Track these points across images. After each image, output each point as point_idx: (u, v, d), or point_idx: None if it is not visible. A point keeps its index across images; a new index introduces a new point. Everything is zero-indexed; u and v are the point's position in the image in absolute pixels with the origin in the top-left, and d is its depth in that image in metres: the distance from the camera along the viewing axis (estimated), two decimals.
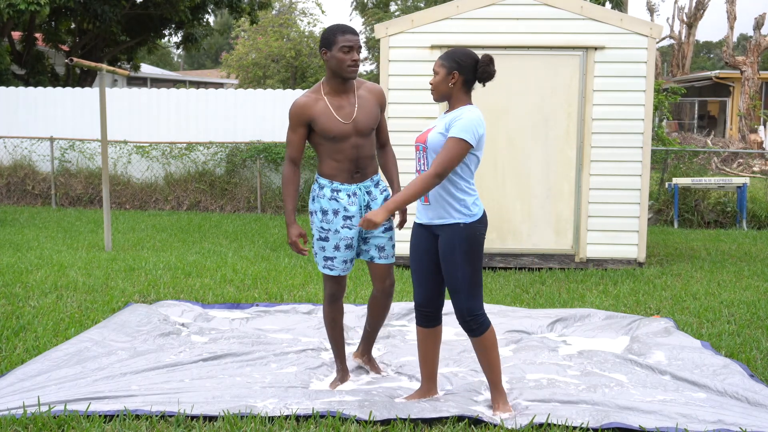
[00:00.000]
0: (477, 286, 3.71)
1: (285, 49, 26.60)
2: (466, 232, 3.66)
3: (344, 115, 3.93)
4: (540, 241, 7.79)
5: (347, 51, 3.87)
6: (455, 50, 3.74)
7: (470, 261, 3.67)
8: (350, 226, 4.02)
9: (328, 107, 3.92)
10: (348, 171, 3.99)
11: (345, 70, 3.89)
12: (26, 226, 10.44)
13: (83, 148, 13.20)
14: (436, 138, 3.67)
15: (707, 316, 5.81)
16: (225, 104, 13.54)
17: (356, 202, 4.01)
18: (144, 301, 6.13)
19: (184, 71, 46.30)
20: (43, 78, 18.45)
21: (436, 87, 3.73)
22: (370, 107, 4.00)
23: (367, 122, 3.98)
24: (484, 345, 3.76)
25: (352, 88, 3.99)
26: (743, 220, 11.07)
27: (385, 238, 4.10)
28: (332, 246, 4.03)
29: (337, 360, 4.29)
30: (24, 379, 4.11)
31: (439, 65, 3.71)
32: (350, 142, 3.95)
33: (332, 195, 4.00)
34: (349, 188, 4.00)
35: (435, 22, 7.70)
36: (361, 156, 4.00)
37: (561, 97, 7.67)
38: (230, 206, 12.74)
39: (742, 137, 23.07)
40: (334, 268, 4.06)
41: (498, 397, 3.81)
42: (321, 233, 4.04)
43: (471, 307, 3.72)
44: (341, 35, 3.88)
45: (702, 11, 29.00)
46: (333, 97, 3.96)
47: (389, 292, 4.21)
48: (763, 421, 3.66)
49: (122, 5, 17.32)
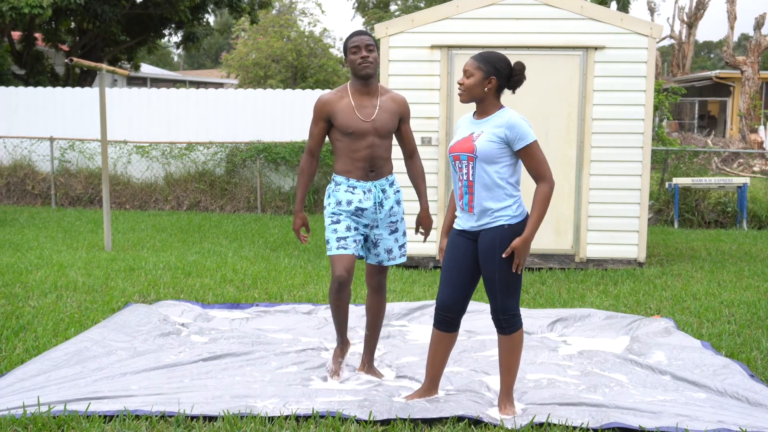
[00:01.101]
0: (516, 287, 3.72)
1: (286, 49, 26.60)
2: (509, 233, 3.68)
3: (365, 114, 4.12)
4: (540, 241, 7.78)
5: (355, 51, 4.11)
6: (491, 54, 3.71)
7: (509, 261, 3.67)
8: (360, 215, 4.15)
9: (350, 104, 4.12)
10: (363, 169, 4.14)
11: (357, 68, 4.10)
12: (26, 226, 10.44)
13: (83, 148, 13.19)
14: (488, 147, 3.63)
15: (707, 316, 5.81)
16: (225, 104, 13.54)
17: (371, 198, 4.15)
18: (144, 301, 6.13)
19: (184, 71, 46.29)
20: (43, 78, 18.45)
21: (470, 89, 3.69)
22: (390, 112, 4.18)
23: (385, 124, 4.15)
24: (511, 345, 3.74)
25: (376, 92, 4.18)
26: (743, 220, 11.07)
27: (390, 239, 4.26)
28: (344, 227, 4.12)
29: (338, 334, 4.37)
30: (24, 379, 4.10)
31: (474, 67, 3.67)
32: (367, 140, 4.12)
33: (348, 189, 4.15)
34: (364, 185, 4.15)
35: (435, 22, 7.70)
36: (376, 156, 4.15)
37: (561, 97, 7.67)
38: (230, 206, 12.73)
39: (742, 137, 23.07)
40: (348, 246, 4.10)
41: (505, 400, 3.81)
42: (333, 217, 4.15)
43: (507, 306, 3.72)
44: (349, 39, 4.15)
45: (702, 11, 28.99)
46: (356, 96, 4.16)
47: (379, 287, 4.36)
48: (763, 421, 3.66)
49: (122, 5, 17.32)
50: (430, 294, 6.56)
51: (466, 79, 3.69)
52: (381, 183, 4.20)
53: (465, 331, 5.37)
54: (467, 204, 3.73)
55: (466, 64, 3.71)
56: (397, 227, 4.29)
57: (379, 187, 4.18)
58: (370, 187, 4.16)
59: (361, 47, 4.10)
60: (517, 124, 3.64)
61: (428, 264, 7.82)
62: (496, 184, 3.66)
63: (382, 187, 4.20)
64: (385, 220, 4.22)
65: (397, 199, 4.26)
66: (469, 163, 3.67)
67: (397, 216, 4.27)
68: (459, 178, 3.74)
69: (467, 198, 3.72)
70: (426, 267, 7.80)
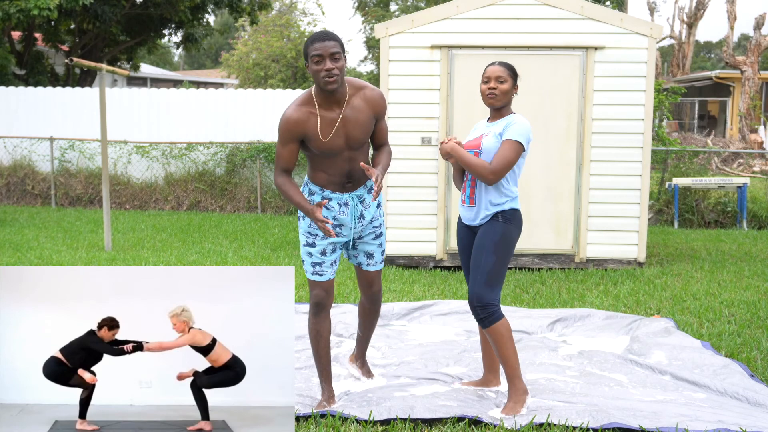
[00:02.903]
0: (496, 279, 3.82)
1: (286, 49, 26.61)
2: (502, 228, 3.85)
3: (336, 133, 3.69)
4: (540, 241, 7.79)
5: (317, 61, 3.56)
6: (510, 64, 3.97)
7: (497, 252, 3.81)
8: (338, 233, 3.87)
9: (319, 123, 3.68)
10: (339, 183, 3.82)
11: (320, 81, 3.59)
12: (26, 226, 10.44)
13: (83, 148, 13.20)
14: (491, 142, 3.86)
15: (707, 316, 5.81)
16: (225, 104, 13.54)
17: (347, 212, 3.85)
18: None
19: (184, 71, 46.30)
20: (43, 78, 18.45)
21: (505, 94, 3.91)
22: (362, 119, 3.74)
23: (358, 136, 3.75)
24: (493, 337, 3.82)
25: (344, 97, 3.71)
26: (743, 220, 11.06)
27: (374, 245, 4.02)
28: (319, 251, 3.84)
29: (323, 382, 3.95)
30: None
31: (507, 75, 3.91)
32: (343, 156, 3.76)
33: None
34: (340, 197, 3.83)
35: (435, 22, 7.70)
36: (353, 168, 3.81)
37: (561, 97, 7.67)
38: (230, 206, 12.74)
39: (742, 137, 23.07)
40: (324, 273, 3.85)
41: (510, 396, 3.83)
42: (308, 238, 3.86)
43: (483, 294, 3.79)
44: (310, 45, 3.59)
45: (702, 11, 28.98)
46: (325, 110, 3.69)
47: (376, 299, 4.16)
48: (763, 421, 3.66)
49: (122, 5, 17.32)
50: (430, 294, 6.56)
51: (500, 85, 3.91)
52: (359, 192, 3.86)
53: (465, 331, 5.38)
54: (468, 197, 3.95)
55: (497, 71, 3.91)
56: (381, 231, 4.03)
57: (357, 199, 3.85)
58: (346, 199, 3.82)
59: (325, 57, 3.54)
60: (517, 123, 3.87)
61: (428, 264, 7.82)
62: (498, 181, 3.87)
63: (361, 197, 3.87)
64: (368, 228, 3.96)
65: (377, 203, 3.97)
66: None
67: (379, 220, 4.00)
68: (466, 173, 3.98)
69: (469, 191, 3.95)
70: (426, 267, 7.80)
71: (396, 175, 7.76)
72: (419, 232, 7.79)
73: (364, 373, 4.36)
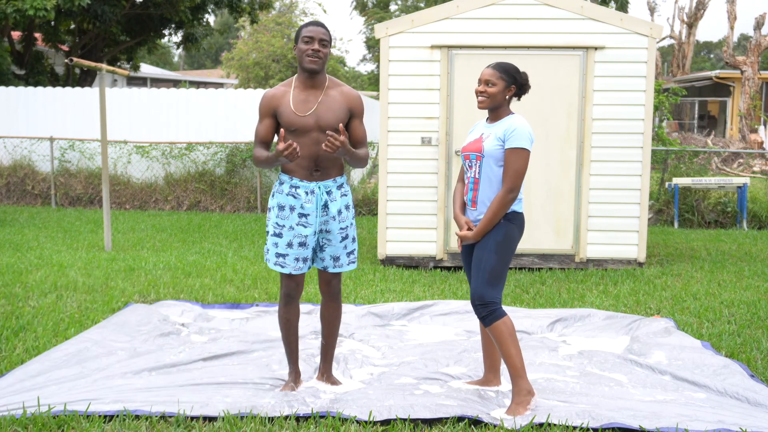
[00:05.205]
0: (498, 278, 3.86)
1: (286, 49, 26.63)
2: (504, 228, 3.88)
3: (305, 109, 3.87)
4: (540, 241, 7.79)
5: (307, 41, 3.85)
6: (507, 64, 3.97)
7: (498, 251, 3.85)
8: (305, 224, 3.94)
9: (293, 99, 3.89)
10: (307, 168, 3.91)
11: (303, 59, 3.85)
12: (26, 226, 10.44)
13: (83, 148, 13.19)
14: (492, 145, 3.87)
15: (707, 316, 5.81)
16: (225, 104, 13.54)
17: (313, 201, 3.93)
18: (144, 301, 6.13)
19: (184, 71, 46.31)
20: (43, 78, 18.46)
21: (494, 97, 3.90)
22: (335, 106, 3.92)
23: (329, 119, 3.88)
24: (495, 335, 3.84)
25: (322, 85, 3.93)
26: (743, 220, 11.06)
27: (340, 247, 4.04)
28: (285, 243, 3.94)
29: (290, 362, 4.17)
30: (24, 380, 4.11)
31: (496, 77, 3.89)
32: (311, 137, 3.87)
33: (290, 191, 3.93)
34: (308, 186, 3.92)
35: (435, 22, 7.69)
36: (322, 154, 3.89)
37: (561, 97, 7.67)
38: (230, 206, 12.73)
39: (742, 137, 23.07)
40: (286, 265, 3.96)
41: (514, 397, 3.84)
42: (275, 229, 3.96)
43: (485, 293, 3.83)
44: (304, 28, 3.90)
45: (702, 11, 28.99)
46: (301, 90, 3.92)
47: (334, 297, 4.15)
48: (763, 421, 3.66)
49: (122, 5, 17.32)
50: (430, 294, 6.56)
51: (488, 88, 3.90)
52: (327, 184, 3.95)
53: (465, 332, 5.38)
54: (471, 200, 3.98)
55: (487, 74, 3.91)
56: (348, 233, 4.05)
57: (323, 189, 3.93)
58: (313, 188, 3.92)
59: (315, 39, 3.84)
60: (517, 128, 3.88)
61: (428, 264, 7.82)
62: (499, 183, 3.89)
63: (328, 189, 3.95)
64: (335, 226, 4.00)
65: (345, 203, 4.01)
66: (476, 162, 3.93)
67: (346, 222, 4.03)
68: (467, 176, 4.01)
69: (472, 194, 3.97)
70: (426, 267, 7.80)
71: (396, 175, 7.76)
72: (419, 232, 7.79)
73: (332, 383, 4.22)
